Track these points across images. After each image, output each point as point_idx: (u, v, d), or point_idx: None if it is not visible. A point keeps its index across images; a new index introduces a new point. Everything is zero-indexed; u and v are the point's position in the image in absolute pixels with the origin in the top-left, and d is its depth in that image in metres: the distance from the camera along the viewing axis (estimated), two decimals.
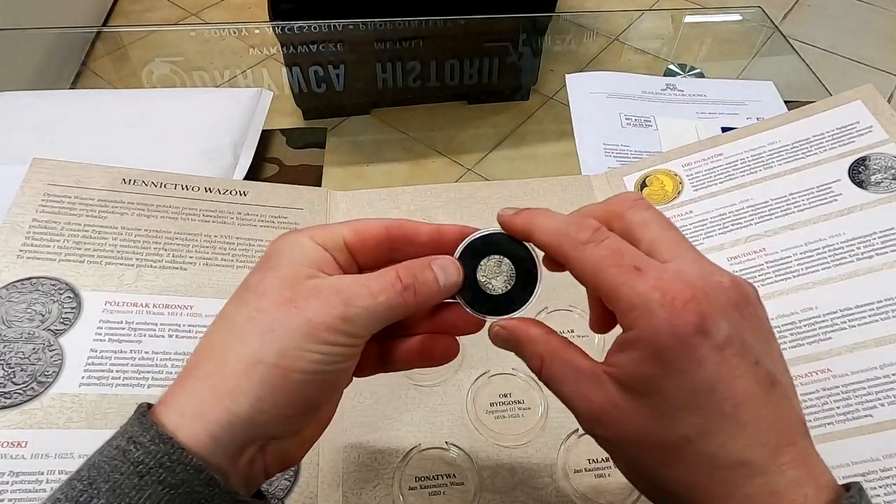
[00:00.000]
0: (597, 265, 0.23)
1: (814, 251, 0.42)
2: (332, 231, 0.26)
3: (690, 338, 0.21)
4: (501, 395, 0.39)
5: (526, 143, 0.79)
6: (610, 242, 0.23)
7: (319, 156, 0.56)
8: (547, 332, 0.26)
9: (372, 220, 0.27)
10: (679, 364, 0.21)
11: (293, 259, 0.24)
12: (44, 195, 0.43)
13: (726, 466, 0.21)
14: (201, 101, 0.57)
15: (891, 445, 0.34)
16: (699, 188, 0.48)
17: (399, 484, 0.35)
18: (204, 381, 0.22)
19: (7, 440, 0.33)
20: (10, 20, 1.24)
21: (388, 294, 0.24)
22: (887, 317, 0.38)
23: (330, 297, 0.23)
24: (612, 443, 0.23)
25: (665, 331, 0.21)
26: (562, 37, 0.79)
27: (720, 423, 0.21)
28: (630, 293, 0.22)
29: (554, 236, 0.25)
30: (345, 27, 0.72)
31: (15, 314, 0.38)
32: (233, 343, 0.22)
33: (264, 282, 0.24)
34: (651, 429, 0.22)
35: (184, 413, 0.21)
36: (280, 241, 0.25)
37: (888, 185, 0.44)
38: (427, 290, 0.25)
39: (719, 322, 0.21)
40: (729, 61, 0.74)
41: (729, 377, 0.21)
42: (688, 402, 0.21)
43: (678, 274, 0.22)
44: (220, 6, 1.76)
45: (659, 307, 0.21)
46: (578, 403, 0.24)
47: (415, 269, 0.25)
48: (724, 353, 0.21)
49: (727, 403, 0.21)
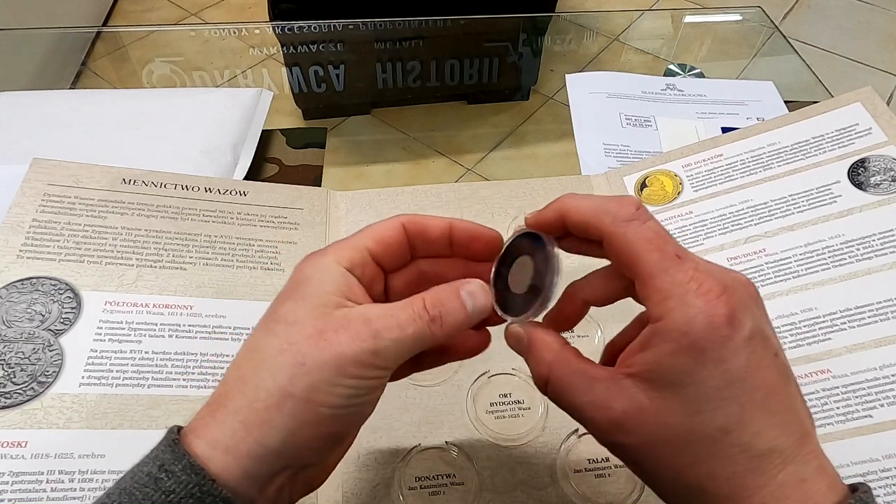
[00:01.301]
0: (640, 246, 0.23)
1: (813, 252, 0.42)
2: (356, 246, 0.25)
3: (723, 328, 0.21)
4: (501, 395, 0.39)
5: (526, 143, 0.79)
6: (654, 224, 0.23)
7: (319, 156, 0.56)
8: (562, 342, 0.25)
9: (387, 221, 0.26)
10: (713, 354, 0.21)
11: (322, 288, 0.24)
12: (44, 195, 0.43)
13: (761, 455, 0.21)
14: (201, 101, 0.57)
15: (890, 445, 0.35)
16: (699, 189, 0.48)
17: (399, 484, 0.35)
18: (235, 415, 0.22)
19: (7, 440, 0.33)
20: (10, 20, 1.24)
21: (417, 326, 0.23)
22: (887, 318, 0.38)
23: (360, 329, 0.23)
24: (637, 448, 0.23)
25: (700, 321, 0.21)
26: (562, 37, 0.79)
27: (754, 412, 0.21)
28: (669, 281, 0.22)
29: (593, 212, 0.24)
30: (345, 27, 0.72)
31: (15, 314, 0.38)
32: (263, 376, 0.22)
33: (294, 312, 0.23)
34: (685, 424, 0.21)
35: (215, 445, 0.22)
36: (306, 265, 0.25)
37: (887, 187, 0.44)
38: (454, 320, 0.25)
39: (746, 315, 0.21)
40: (729, 61, 0.74)
41: (757, 367, 0.21)
42: (723, 391, 0.21)
43: (708, 268, 0.22)
44: (220, 6, 1.76)
45: (695, 297, 0.21)
46: (596, 413, 0.23)
47: (442, 298, 0.25)
48: (752, 344, 0.21)
49: (759, 392, 0.21)
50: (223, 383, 0.23)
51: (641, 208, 0.24)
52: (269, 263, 0.43)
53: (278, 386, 0.22)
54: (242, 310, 0.41)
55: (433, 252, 0.28)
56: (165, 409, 0.36)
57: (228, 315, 0.40)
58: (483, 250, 0.27)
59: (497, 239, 0.27)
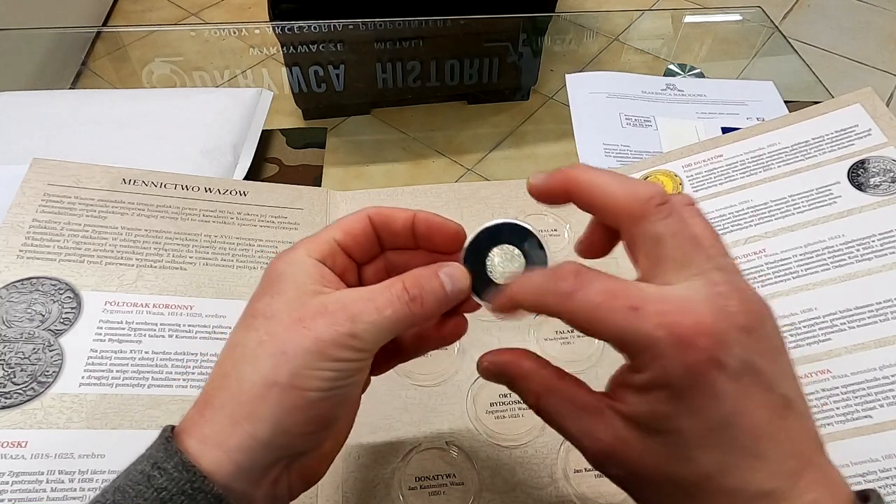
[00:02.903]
0: (591, 313, 0.21)
1: (813, 253, 0.42)
2: (325, 239, 0.26)
3: (704, 374, 0.20)
4: (501, 395, 0.39)
5: (526, 143, 0.79)
6: (598, 284, 0.22)
7: (319, 156, 0.56)
8: (541, 366, 0.25)
9: (355, 214, 0.27)
10: (694, 401, 0.20)
11: (296, 279, 0.24)
12: (44, 195, 0.43)
13: (747, 500, 0.20)
14: (201, 101, 0.57)
15: (890, 446, 0.35)
16: (699, 189, 0.48)
17: (399, 484, 0.35)
18: (221, 410, 0.22)
19: (7, 440, 0.33)
20: (10, 20, 1.24)
21: (395, 307, 0.23)
22: (886, 318, 0.38)
23: (337, 313, 0.23)
24: (623, 479, 0.23)
25: (677, 369, 0.20)
26: (562, 37, 0.79)
27: (740, 458, 0.20)
28: (635, 335, 0.20)
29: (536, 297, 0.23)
30: (345, 27, 0.72)
31: (15, 314, 0.38)
32: (246, 369, 0.22)
33: (272, 305, 0.24)
34: (667, 467, 0.21)
35: (205, 441, 0.22)
36: (278, 262, 0.25)
37: (887, 188, 0.44)
38: (435, 299, 0.25)
39: (731, 351, 0.20)
40: (729, 61, 0.74)
41: (745, 409, 0.20)
42: (706, 439, 0.20)
43: (681, 303, 0.21)
44: (220, 6, 1.76)
45: (667, 347, 0.20)
46: (583, 440, 0.23)
47: (421, 279, 0.25)
48: (739, 384, 0.20)
49: (746, 437, 0.20)
50: (209, 382, 0.23)
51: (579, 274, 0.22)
52: None
53: (261, 376, 0.22)
54: (242, 310, 0.41)
55: (400, 244, 0.28)
56: (165, 409, 0.36)
57: (228, 315, 0.40)
58: (444, 243, 0.27)
59: (458, 232, 0.27)
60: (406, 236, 0.27)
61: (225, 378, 0.23)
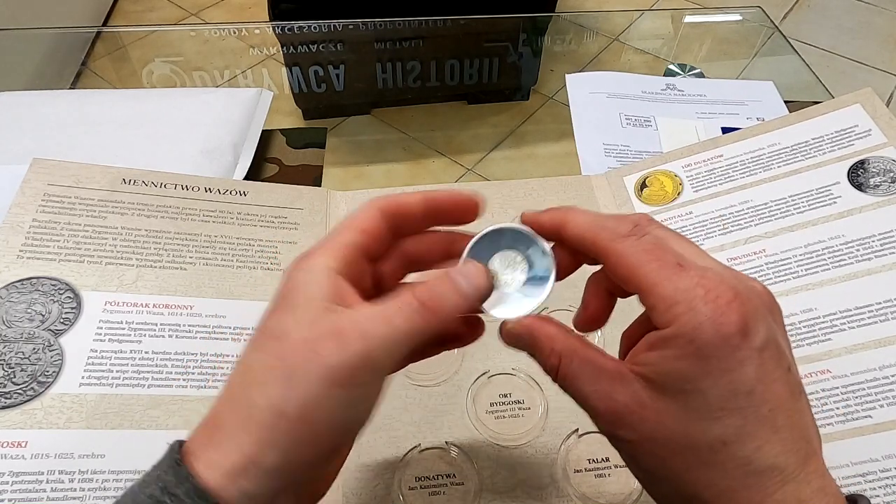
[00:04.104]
0: (638, 258, 0.22)
1: (813, 253, 0.42)
2: (343, 243, 0.24)
3: (733, 337, 0.20)
4: (501, 395, 0.39)
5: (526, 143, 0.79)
6: (651, 238, 0.23)
7: (319, 156, 0.56)
8: (566, 331, 0.25)
9: (365, 211, 0.25)
10: (720, 363, 0.20)
11: (308, 294, 0.23)
12: (44, 195, 0.43)
13: (760, 471, 0.20)
14: (201, 101, 0.57)
15: (890, 446, 0.35)
16: (699, 189, 0.48)
17: (399, 484, 0.35)
18: (230, 437, 0.21)
19: (7, 440, 0.33)
20: (10, 20, 1.24)
21: (407, 317, 0.22)
22: (886, 318, 0.38)
23: (347, 333, 0.21)
24: (635, 444, 0.22)
25: (708, 328, 0.20)
26: (562, 37, 0.79)
27: (758, 427, 0.20)
28: (673, 288, 0.21)
29: (590, 228, 0.24)
30: (345, 27, 0.72)
31: (15, 314, 0.38)
32: (254, 395, 0.21)
33: (281, 325, 0.22)
34: (684, 429, 0.21)
35: (212, 466, 0.21)
36: (295, 271, 0.24)
37: (887, 188, 0.44)
38: (450, 304, 0.23)
39: (759, 325, 0.21)
40: (729, 61, 0.74)
41: (767, 380, 0.21)
42: (727, 402, 0.20)
43: (718, 275, 0.22)
44: (220, 6, 1.76)
45: (703, 304, 0.21)
46: (599, 402, 0.23)
47: (432, 284, 0.24)
48: (763, 356, 0.21)
49: (765, 406, 0.20)
50: (218, 402, 0.23)
51: (639, 225, 0.24)
52: (269, 263, 0.43)
53: (270, 405, 0.21)
54: (242, 310, 0.41)
55: (414, 229, 0.27)
56: (165, 409, 0.36)
57: (228, 315, 0.40)
58: (461, 215, 0.27)
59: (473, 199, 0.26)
60: (420, 220, 0.26)
61: (234, 401, 0.22)
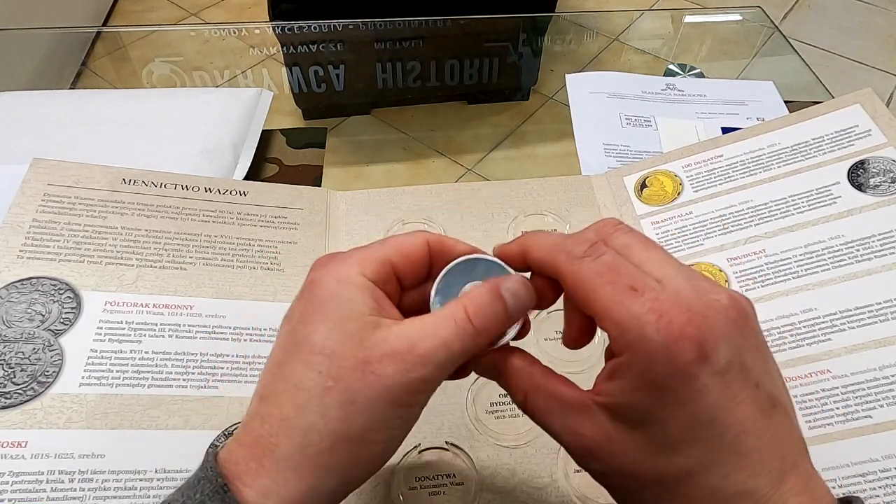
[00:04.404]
0: (591, 281, 0.22)
1: (813, 253, 0.42)
2: (381, 259, 0.24)
3: (689, 365, 0.19)
4: (501, 395, 0.39)
5: (526, 143, 0.79)
6: (607, 258, 0.22)
7: (319, 156, 0.56)
8: (529, 363, 0.25)
9: (412, 236, 0.25)
10: (677, 394, 0.19)
11: (352, 307, 0.22)
12: (44, 195, 0.43)
13: (729, 498, 0.20)
14: (201, 101, 0.57)
15: (890, 446, 0.35)
16: (699, 189, 0.48)
17: (399, 484, 0.35)
18: (286, 462, 0.21)
19: (7, 440, 0.33)
20: (10, 20, 1.24)
21: (462, 340, 0.22)
22: (886, 318, 0.38)
23: (405, 355, 0.21)
24: (606, 476, 0.22)
25: (661, 358, 0.19)
26: (562, 37, 0.79)
27: (722, 455, 0.20)
28: (624, 314, 0.20)
29: (550, 251, 0.24)
30: (345, 27, 0.72)
31: (15, 314, 0.38)
32: (313, 419, 0.21)
33: (330, 338, 0.22)
34: (648, 462, 0.21)
35: (267, 495, 0.21)
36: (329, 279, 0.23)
37: (886, 189, 0.44)
38: (498, 325, 0.23)
39: (719, 346, 0.20)
40: (729, 61, 0.74)
41: (730, 405, 0.20)
42: (687, 433, 0.20)
43: (675, 294, 0.20)
44: (220, 6, 1.76)
45: (655, 331, 0.19)
46: (568, 438, 0.23)
47: (484, 306, 0.23)
48: (726, 379, 0.20)
49: (729, 433, 0.20)
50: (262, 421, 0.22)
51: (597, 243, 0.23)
52: (269, 263, 0.43)
53: (330, 429, 0.21)
54: (242, 310, 0.41)
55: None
56: (165, 409, 0.36)
57: (228, 315, 0.40)
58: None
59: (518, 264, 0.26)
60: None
61: (288, 425, 0.21)
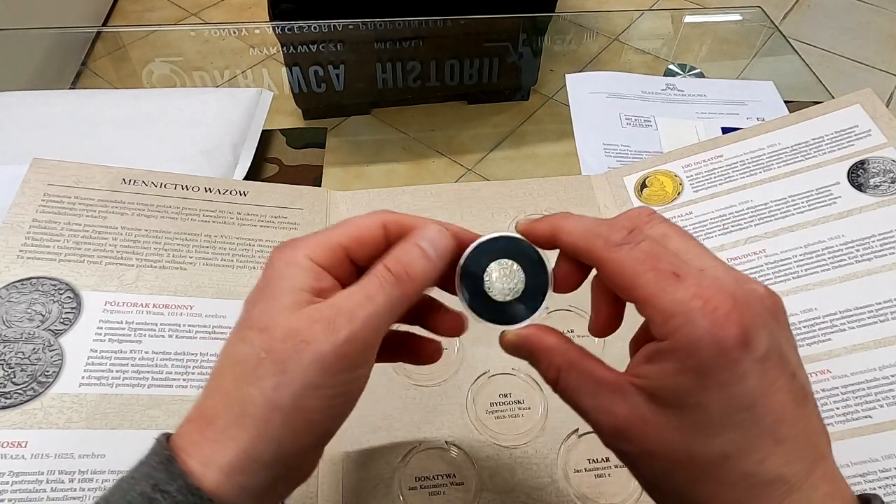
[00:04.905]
0: (633, 268, 0.22)
1: (813, 253, 0.42)
2: (329, 242, 0.24)
3: (732, 350, 0.20)
4: (501, 395, 0.39)
5: (526, 143, 0.79)
6: (647, 245, 0.22)
7: (319, 156, 0.56)
8: (564, 342, 0.25)
9: (368, 219, 0.25)
10: (719, 377, 0.20)
11: (293, 284, 0.23)
12: (44, 195, 0.43)
13: (764, 483, 0.20)
14: (201, 101, 0.57)
15: (890, 446, 0.35)
16: (699, 189, 0.48)
17: (399, 484, 0.35)
18: (224, 432, 0.21)
19: (7, 440, 0.33)
20: (10, 20, 1.24)
21: (385, 290, 0.23)
22: (886, 319, 0.38)
23: (333, 319, 0.22)
24: (638, 458, 0.22)
25: (707, 342, 0.20)
26: (562, 37, 0.79)
27: (759, 440, 0.20)
28: (669, 300, 0.20)
29: (584, 237, 0.23)
30: (345, 27, 0.72)
31: (15, 314, 0.38)
32: (248, 390, 0.22)
33: (266, 314, 0.23)
34: (684, 444, 0.21)
35: (208, 464, 0.21)
36: (277, 261, 0.24)
37: (886, 189, 0.44)
38: (422, 269, 0.24)
39: (760, 333, 0.20)
40: (729, 61, 0.74)
41: (769, 391, 0.20)
42: (727, 417, 0.20)
43: (717, 281, 0.21)
44: (220, 6, 1.76)
45: (700, 316, 0.20)
46: (600, 417, 0.22)
47: (401, 254, 0.24)
48: (766, 366, 0.20)
49: (767, 419, 0.20)
50: (206, 397, 0.23)
51: (635, 230, 0.23)
52: None
53: (265, 398, 0.21)
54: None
55: None
56: (165, 409, 0.36)
57: (228, 315, 0.40)
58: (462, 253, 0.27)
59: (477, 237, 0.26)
60: None
61: (226, 396, 0.22)
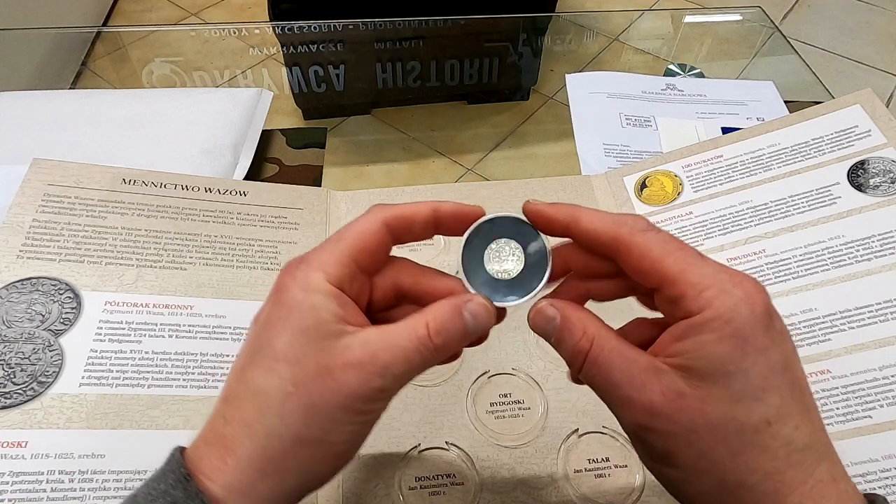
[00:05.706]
0: (662, 248, 0.23)
1: (813, 253, 0.42)
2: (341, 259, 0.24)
3: (764, 317, 0.21)
4: (501, 395, 0.39)
5: (526, 143, 0.78)
6: (667, 233, 0.24)
7: (319, 156, 0.56)
8: (596, 316, 0.25)
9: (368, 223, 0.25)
10: (758, 342, 0.21)
11: (318, 316, 0.23)
12: (44, 195, 0.43)
13: (801, 450, 0.21)
14: (201, 101, 0.57)
15: (890, 446, 0.35)
16: (699, 189, 0.48)
17: (399, 484, 0.35)
18: (248, 463, 0.22)
19: (7, 440, 0.33)
20: (10, 20, 1.24)
21: (422, 354, 0.23)
22: (886, 319, 0.39)
23: (366, 365, 0.22)
24: (674, 436, 0.22)
25: (744, 308, 0.21)
26: (562, 37, 0.79)
27: (793, 405, 0.21)
28: (700, 273, 0.22)
29: (608, 224, 0.24)
30: (345, 27, 0.72)
31: (15, 314, 0.38)
32: (273, 423, 0.22)
33: (293, 347, 0.22)
34: (727, 413, 0.21)
35: (231, 490, 0.21)
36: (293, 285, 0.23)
37: (886, 189, 0.44)
38: (460, 340, 0.24)
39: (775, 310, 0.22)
40: (729, 61, 0.74)
41: (793, 361, 0.22)
42: (766, 381, 0.21)
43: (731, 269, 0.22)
44: (220, 6, 1.76)
45: (733, 286, 0.21)
46: (633, 392, 0.22)
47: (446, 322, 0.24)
48: (786, 338, 0.22)
49: (796, 386, 0.21)
50: (224, 423, 0.23)
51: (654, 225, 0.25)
52: (269, 263, 0.43)
53: (291, 433, 0.22)
54: (242, 310, 0.41)
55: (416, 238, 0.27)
56: (165, 409, 0.36)
57: (228, 315, 0.40)
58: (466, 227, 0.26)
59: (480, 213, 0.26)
60: (426, 231, 0.26)
61: (249, 428, 0.22)
